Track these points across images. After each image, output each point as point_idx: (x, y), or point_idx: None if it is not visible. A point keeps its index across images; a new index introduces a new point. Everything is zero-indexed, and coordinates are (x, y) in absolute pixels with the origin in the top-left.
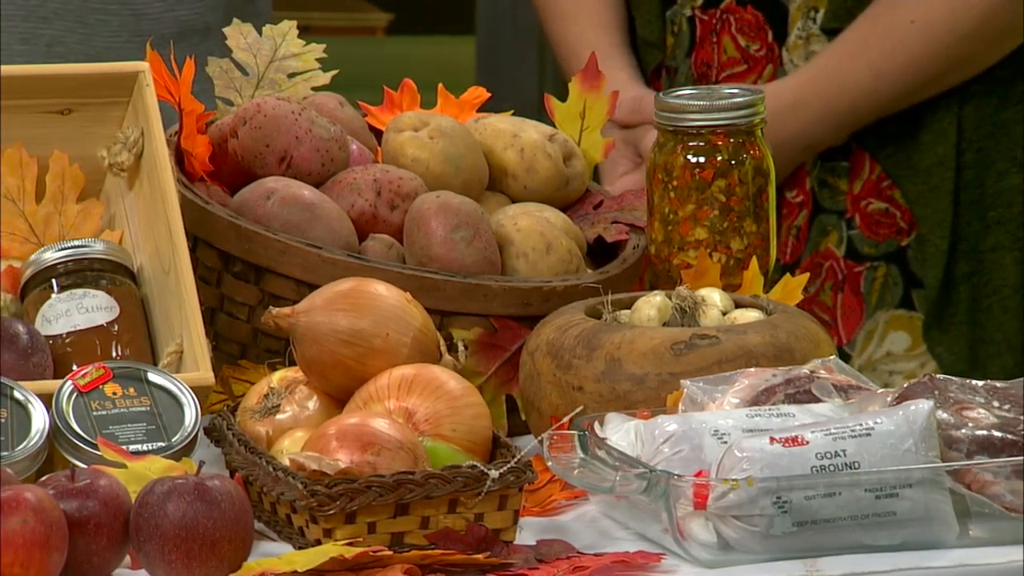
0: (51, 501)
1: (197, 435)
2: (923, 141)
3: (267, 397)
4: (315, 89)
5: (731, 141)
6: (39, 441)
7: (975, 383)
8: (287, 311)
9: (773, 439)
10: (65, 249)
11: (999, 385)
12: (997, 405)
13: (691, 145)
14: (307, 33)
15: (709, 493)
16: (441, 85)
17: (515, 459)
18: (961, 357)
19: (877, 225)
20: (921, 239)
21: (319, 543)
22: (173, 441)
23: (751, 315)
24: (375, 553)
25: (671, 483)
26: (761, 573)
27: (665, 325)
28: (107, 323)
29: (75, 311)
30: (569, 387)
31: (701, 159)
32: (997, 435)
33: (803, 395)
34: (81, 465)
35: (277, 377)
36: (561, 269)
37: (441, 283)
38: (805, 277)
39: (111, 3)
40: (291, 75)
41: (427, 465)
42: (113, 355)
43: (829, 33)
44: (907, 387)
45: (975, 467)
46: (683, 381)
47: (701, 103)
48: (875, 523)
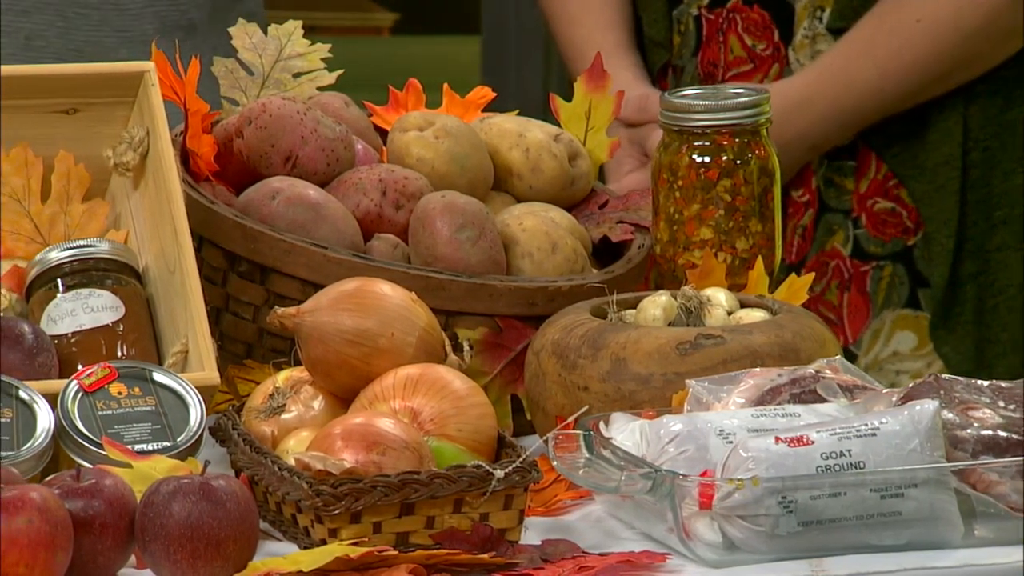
0: (56, 501)
1: (202, 435)
2: (929, 140)
3: (272, 397)
4: (320, 89)
5: (736, 141)
6: (44, 441)
7: (980, 383)
8: (292, 311)
9: (778, 439)
10: (70, 249)
11: (1004, 385)
12: (1002, 405)
13: (696, 145)
14: (312, 33)
15: (714, 493)
16: (446, 85)
17: (520, 459)
18: (967, 357)
19: (883, 224)
20: (927, 238)
21: (324, 543)
22: (178, 441)
23: (756, 315)
24: (380, 553)
25: (676, 483)
26: (766, 573)
27: (670, 325)
28: (112, 323)
29: (80, 311)
30: (574, 387)
31: (706, 159)
32: (1002, 435)
33: (808, 395)
34: (86, 465)
35: (282, 377)
36: (566, 269)
37: (446, 283)
38: (810, 277)
39: None
40: (296, 75)
41: (432, 465)
42: (118, 355)
43: (835, 32)
44: (912, 387)
45: (980, 467)
46: (688, 381)
47: (706, 103)
48: (880, 523)
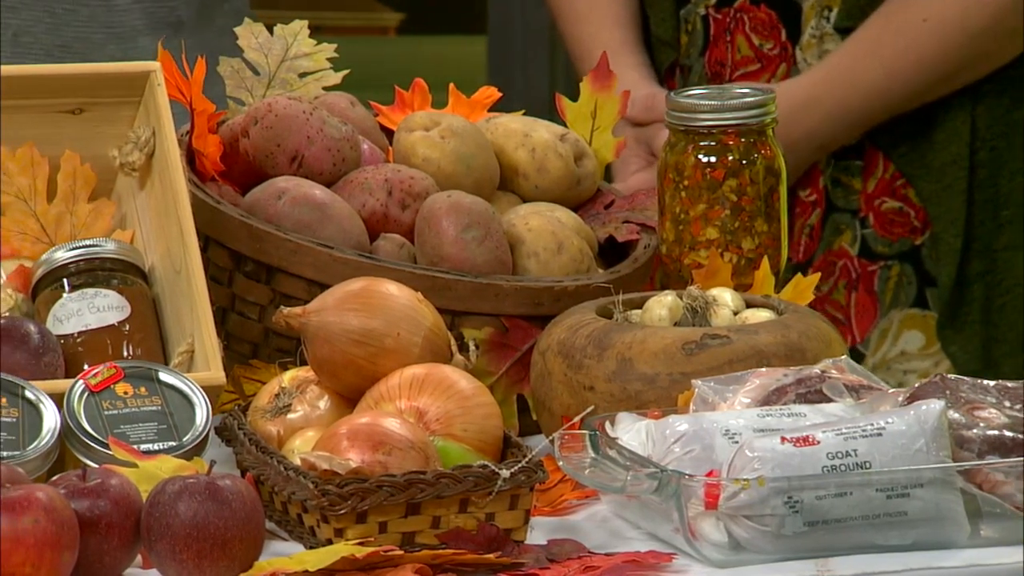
0: (62, 500)
1: (208, 435)
2: (937, 140)
3: (278, 397)
4: (326, 89)
5: (742, 141)
6: (50, 440)
7: (986, 383)
8: (298, 311)
9: (784, 439)
10: (76, 249)
11: (1010, 385)
12: (1008, 405)
13: (702, 145)
14: (318, 33)
15: (720, 493)
16: (452, 85)
17: (526, 459)
18: (975, 356)
19: (891, 224)
20: (935, 238)
21: (330, 543)
22: (184, 441)
23: (762, 315)
24: (386, 553)
25: (682, 483)
26: (772, 573)
27: (676, 325)
28: (118, 323)
29: (86, 311)
30: (580, 387)
31: (712, 159)
32: (1008, 435)
33: (814, 395)
34: (92, 464)
35: (288, 377)
36: (572, 269)
37: (452, 283)
38: (816, 277)
39: None
40: (302, 75)
41: (438, 465)
42: (124, 355)
43: (842, 32)
44: (918, 387)
45: (986, 467)
46: (694, 381)
47: (712, 103)
48: (886, 523)
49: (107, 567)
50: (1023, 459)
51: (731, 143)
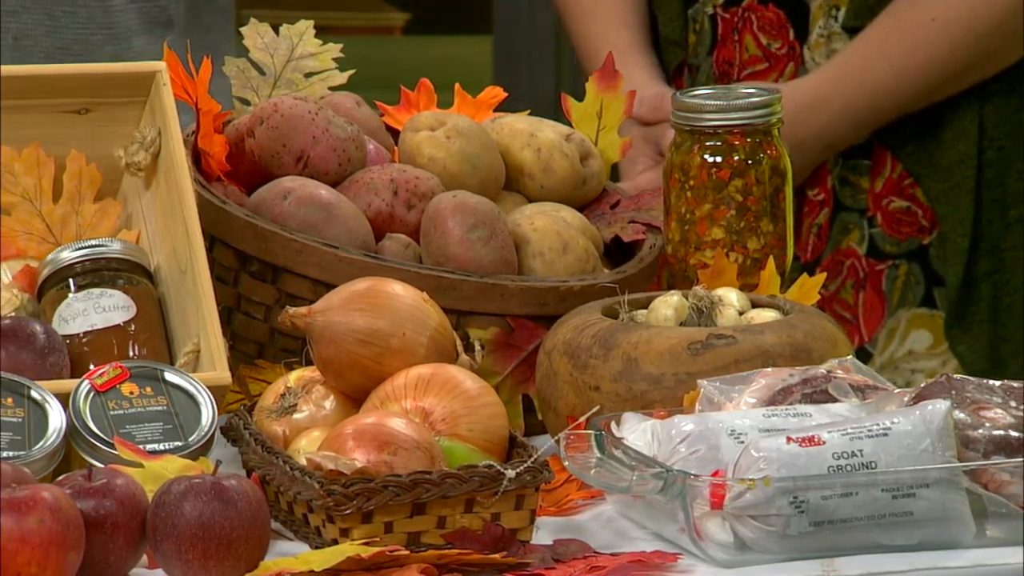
0: (68, 500)
1: (214, 435)
2: (945, 139)
3: (284, 397)
4: (332, 89)
5: (748, 141)
6: (56, 440)
7: (992, 383)
8: (304, 311)
9: (790, 439)
10: (82, 249)
11: (1016, 385)
12: (1014, 405)
13: (708, 145)
14: (324, 33)
15: (726, 493)
16: (458, 85)
17: (532, 459)
18: (982, 355)
19: (899, 223)
20: (942, 237)
21: (336, 543)
22: (190, 440)
23: (768, 315)
24: (392, 553)
25: (688, 483)
26: (778, 573)
27: (682, 325)
28: (124, 323)
29: (92, 311)
30: (586, 387)
31: (718, 159)
32: (1014, 435)
33: (820, 395)
34: (98, 464)
35: (294, 377)
36: (578, 269)
37: (458, 283)
38: (822, 277)
39: None
40: (308, 75)
41: (444, 465)
42: (130, 355)
43: (850, 31)
44: (924, 387)
45: (992, 467)
46: (700, 381)
47: (718, 103)
48: (892, 523)
49: (112, 567)
50: None
51: (737, 143)
